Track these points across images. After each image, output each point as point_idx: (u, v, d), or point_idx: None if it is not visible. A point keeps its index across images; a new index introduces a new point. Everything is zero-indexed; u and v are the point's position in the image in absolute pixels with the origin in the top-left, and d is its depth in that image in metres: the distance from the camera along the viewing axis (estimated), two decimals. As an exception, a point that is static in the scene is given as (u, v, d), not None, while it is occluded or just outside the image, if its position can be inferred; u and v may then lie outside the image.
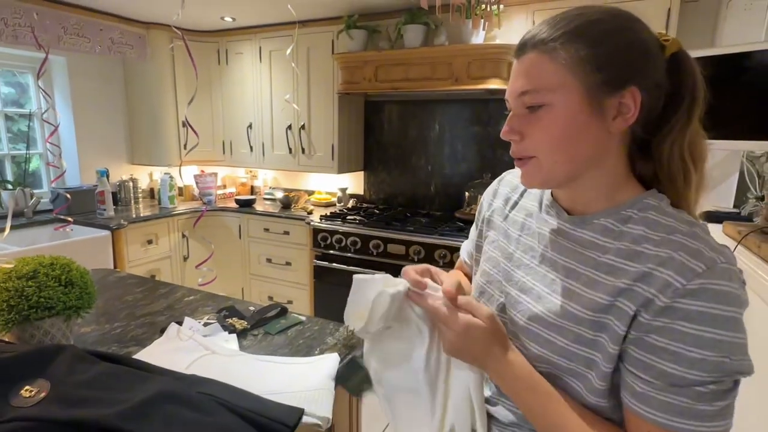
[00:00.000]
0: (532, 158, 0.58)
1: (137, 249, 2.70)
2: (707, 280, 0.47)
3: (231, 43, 3.13)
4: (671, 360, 0.48)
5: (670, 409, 0.48)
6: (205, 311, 1.20)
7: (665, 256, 0.50)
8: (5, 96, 2.70)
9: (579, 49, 0.52)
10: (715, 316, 0.47)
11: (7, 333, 0.87)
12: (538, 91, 0.54)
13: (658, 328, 0.49)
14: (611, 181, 0.58)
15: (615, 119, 0.54)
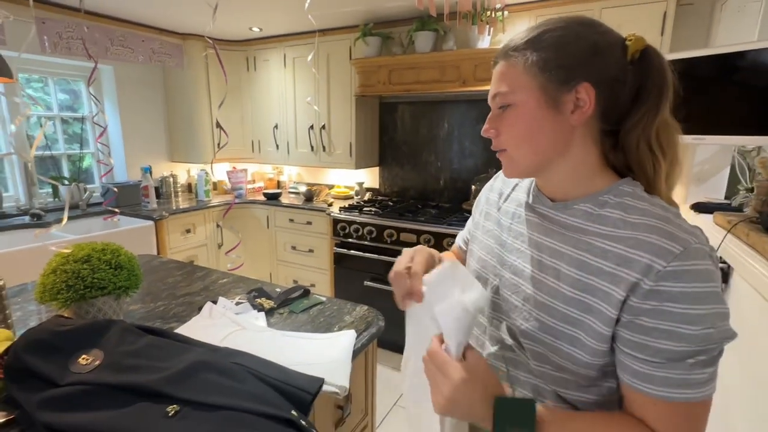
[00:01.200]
0: (504, 151, 0.61)
1: (177, 237, 2.76)
2: (685, 261, 0.48)
3: (258, 51, 3.14)
4: (664, 337, 0.48)
5: (670, 382, 0.48)
6: (237, 292, 1.23)
7: (642, 239, 0.51)
8: (61, 102, 2.77)
9: (532, 55, 0.55)
10: (697, 293, 0.47)
11: (66, 309, 0.90)
12: (505, 94, 0.57)
13: (648, 310, 0.49)
14: (584, 170, 0.58)
15: (573, 113, 0.55)
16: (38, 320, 1.05)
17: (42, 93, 2.69)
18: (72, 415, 0.60)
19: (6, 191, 2.50)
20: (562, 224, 0.60)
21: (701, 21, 2.04)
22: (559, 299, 0.56)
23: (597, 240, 0.55)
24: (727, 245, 1.31)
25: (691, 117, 1.65)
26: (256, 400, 0.63)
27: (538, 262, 0.60)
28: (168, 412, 0.59)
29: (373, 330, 1.02)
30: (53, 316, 0.88)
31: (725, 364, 0.51)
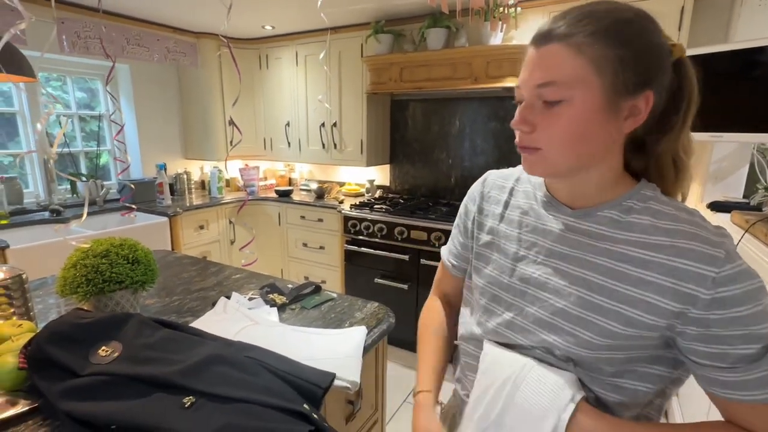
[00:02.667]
0: (538, 150, 0.54)
1: (191, 233, 2.80)
2: (733, 265, 0.48)
3: (271, 49, 3.17)
4: (741, 342, 0.48)
5: (762, 383, 0.48)
6: (250, 288, 1.25)
7: (682, 246, 0.50)
8: (79, 100, 2.83)
9: (608, 48, 0.48)
10: (753, 291, 0.47)
11: (85, 303, 0.93)
12: (558, 85, 0.49)
13: (717, 320, 0.48)
14: (610, 176, 0.56)
15: (626, 120, 0.51)
16: (58, 313, 1.08)
17: (61, 91, 2.75)
18: (92, 404, 0.62)
19: (26, 187, 2.57)
20: (586, 233, 0.56)
21: (720, 15, 1.99)
22: (595, 311, 0.54)
23: (630, 249, 0.52)
24: (745, 245, 1.29)
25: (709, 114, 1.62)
26: (269, 393, 0.65)
27: (565, 274, 0.57)
28: (184, 404, 0.60)
29: (384, 326, 1.02)
30: (73, 309, 0.90)
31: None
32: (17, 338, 0.79)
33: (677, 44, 0.52)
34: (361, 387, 1.01)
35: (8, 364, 0.71)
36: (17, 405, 0.69)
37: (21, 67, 0.93)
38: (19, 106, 2.48)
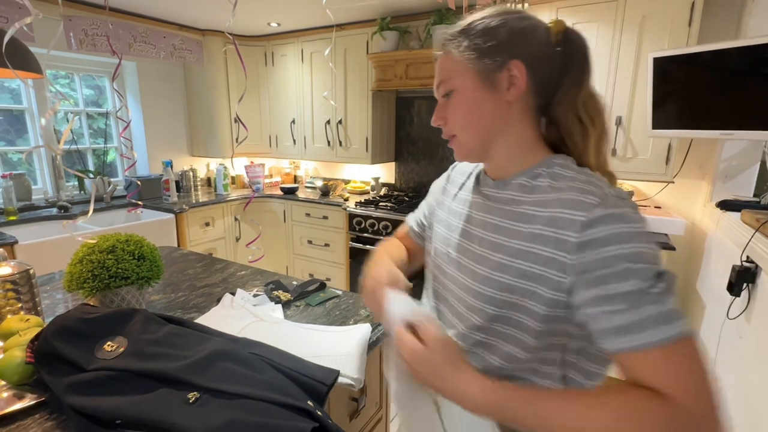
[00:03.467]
0: (454, 137, 0.63)
1: (197, 230, 2.82)
2: (604, 209, 0.49)
3: (276, 46, 3.17)
4: (620, 279, 0.47)
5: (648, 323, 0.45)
6: (255, 284, 1.25)
7: (564, 198, 0.53)
8: (86, 97, 2.85)
9: (464, 42, 0.59)
10: (621, 234, 0.48)
11: (91, 298, 0.93)
12: (445, 81, 0.61)
13: (590, 262, 0.49)
14: (521, 147, 0.61)
15: (509, 89, 0.58)
16: (65, 308, 1.09)
17: (68, 89, 2.77)
18: (98, 399, 0.63)
19: (35, 184, 2.59)
20: (501, 200, 0.62)
21: (731, 11, 1.96)
22: (499, 269, 0.57)
23: (529, 208, 0.57)
24: (755, 244, 1.27)
25: (719, 111, 1.60)
26: (274, 389, 0.65)
27: (481, 239, 0.62)
28: (189, 399, 0.61)
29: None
30: (80, 305, 0.91)
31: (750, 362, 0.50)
32: (25, 333, 0.79)
33: (555, 21, 0.60)
34: (366, 384, 1.01)
35: (16, 359, 0.72)
36: (24, 399, 0.69)
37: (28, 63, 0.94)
38: (27, 103, 2.50)
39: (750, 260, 1.31)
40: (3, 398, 0.70)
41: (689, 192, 2.23)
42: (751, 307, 1.28)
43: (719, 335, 1.52)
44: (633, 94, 2.00)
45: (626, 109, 2.02)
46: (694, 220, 2.22)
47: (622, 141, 2.06)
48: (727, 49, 1.49)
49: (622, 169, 2.08)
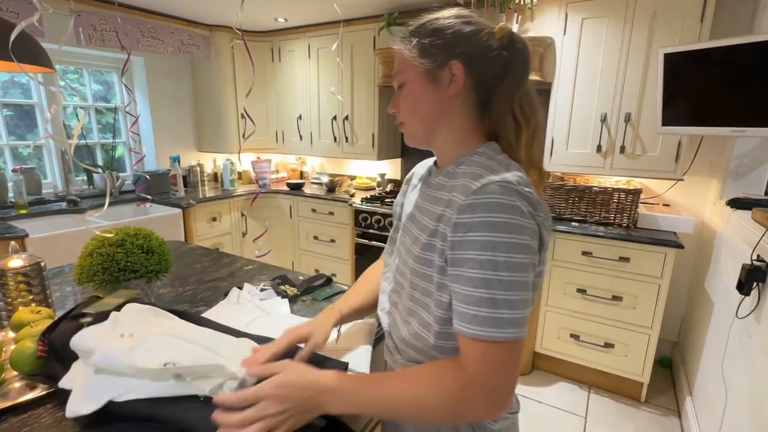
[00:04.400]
0: (403, 124, 0.70)
1: (203, 225, 2.83)
2: (478, 196, 0.54)
3: (283, 41, 3.16)
4: (470, 266, 0.54)
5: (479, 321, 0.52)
6: (261, 279, 1.26)
7: (461, 183, 0.59)
8: (95, 92, 2.87)
9: (414, 41, 0.65)
10: (489, 223, 0.53)
11: (101, 290, 0.94)
12: (398, 74, 0.68)
13: (457, 242, 0.56)
14: (459, 137, 0.67)
15: (449, 85, 0.64)
16: (75, 301, 1.10)
17: (78, 84, 2.79)
18: (108, 390, 0.63)
19: (45, 178, 2.62)
20: (433, 185, 0.70)
21: (745, 6, 1.93)
22: (423, 248, 0.64)
23: (444, 193, 0.64)
24: (767, 243, 1.25)
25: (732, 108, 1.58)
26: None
27: (418, 222, 0.69)
28: (200, 397, 0.61)
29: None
30: (89, 297, 0.92)
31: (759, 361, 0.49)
32: (36, 324, 0.80)
33: (498, 26, 0.65)
34: (372, 379, 1.01)
35: (27, 349, 0.73)
36: (36, 389, 0.70)
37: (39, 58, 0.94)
38: (37, 98, 2.52)
39: (761, 259, 1.30)
40: (15, 388, 0.71)
41: (699, 190, 2.21)
42: (761, 306, 1.27)
43: (728, 334, 1.50)
44: (643, 91, 1.98)
45: (636, 106, 2.00)
46: (703, 219, 2.20)
47: (631, 138, 2.04)
48: (740, 44, 1.47)
49: (631, 166, 2.06)
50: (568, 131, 2.18)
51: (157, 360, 0.62)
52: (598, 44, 2.04)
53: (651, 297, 1.93)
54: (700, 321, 1.97)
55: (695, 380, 1.89)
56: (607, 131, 2.08)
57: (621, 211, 2.06)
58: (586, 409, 2.04)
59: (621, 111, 2.03)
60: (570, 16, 2.07)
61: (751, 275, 1.30)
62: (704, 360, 1.80)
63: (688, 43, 1.78)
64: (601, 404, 2.07)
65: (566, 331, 2.16)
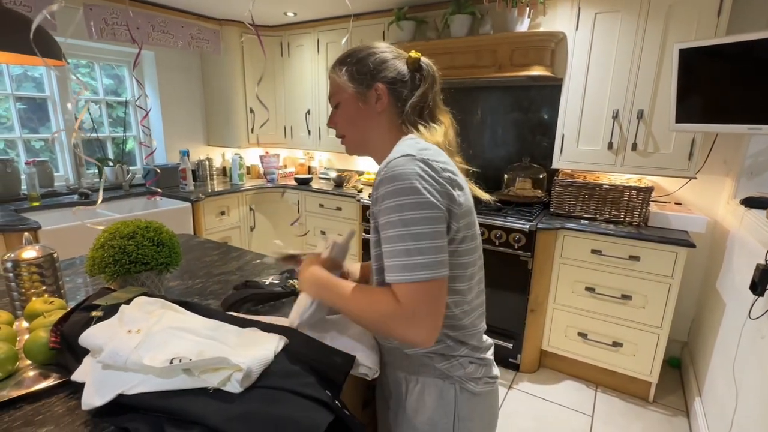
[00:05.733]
0: (344, 136, 0.87)
1: (212, 219, 2.85)
2: (384, 171, 0.68)
3: (292, 36, 3.16)
4: (386, 228, 0.67)
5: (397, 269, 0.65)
6: (270, 272, 1.26)
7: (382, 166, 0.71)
8: (106, 86, 2.89)
9: (344, 68, 0.82)
10: (393, 191, 0.66)
11: (113, 282, 0.95)
12: (333, 95, 0.85)
13: (376, 212, 0.70)
14: (387, 142, 0.81)
15: (377, 102, 0.81)
16: (86, 293, 1.12)
17: (89, 78, 2.81)
18: (119, 381, 0.64)
19: (57, 171, 2.65)
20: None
21: (763, 4, 1.88)
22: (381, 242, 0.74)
23: None
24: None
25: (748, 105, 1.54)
26: (292, 377, 0.65)
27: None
28: (209, 389, 0.61)
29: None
30: (101, 289, 0.93)
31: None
32: (49, 314, 0.81)
33: (409, 55, 0.83)
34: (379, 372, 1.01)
35: (41, 339, 0.74)
36: (49, 378, 0.71)
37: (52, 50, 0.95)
38: (49, 91, 2.55)
39: (775, 259, 1.27)
40: (29, 377, 0.72)
41: (712, 188, 2.17)
42: (775, 308, 1.25)
43: (739, 335, 1.48)
44: (656, 87, 1.94)
45: (649, 102, 1.97)
46: (716, 218, 2.16)
47: (644, 135, 2.01)
48: (757, 40, 1.43)
49: (642, 163, 2.03)
50: (579, 128, 2.15)
51: (164, 356, 0.63)
52: (611, 39, 2.01)
53: (661, 296, 1.90)
54: (710, 321, 1.95)
55: (705, 381, 1.86)
56: (618, 128, 2.05)
57: (632, 209, 2.03)
58: (593, 407, 2.03)
59: (633, 107, 2.00)
60: (583, 10, 2.04)
61: (765, 275, 1.28)
62: (714, 360, 1.77)
63: (704, 38, 1.75)
64: (609, 403, 2.06)
65: (574, 329, 2.14)
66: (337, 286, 0.75)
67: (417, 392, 0.79)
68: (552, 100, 2.40)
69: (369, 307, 0.69)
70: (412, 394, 0.79)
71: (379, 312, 0.67)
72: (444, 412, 0.77)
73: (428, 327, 0.66)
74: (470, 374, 0.78)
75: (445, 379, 0.77)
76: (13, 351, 0.72)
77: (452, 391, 0.77)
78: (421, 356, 0.77)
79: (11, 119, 2.45)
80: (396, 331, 0.66)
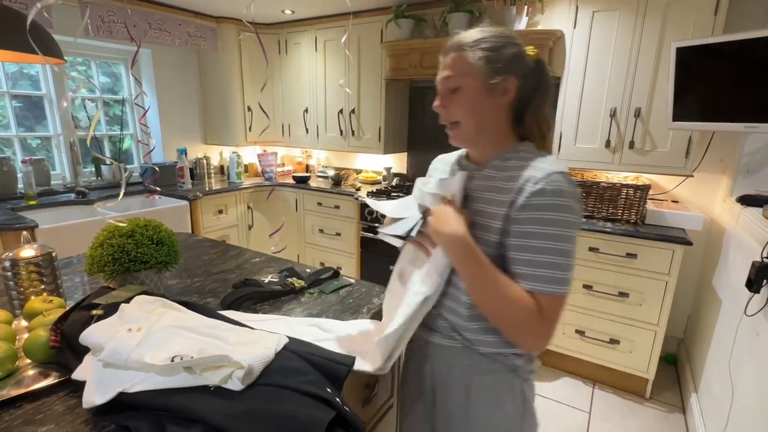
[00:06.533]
0: (457, 123, 0.80)
1: (210, 217, 2.85)
2: (548, 182, 0.70)
3: (290, 34, 3.15)
4: (537, 237, 0.70)
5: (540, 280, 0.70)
6: (269, 271, 1.26)
7: (522, 173, 0.74)
8: (103, 84, 2.88)
9: (478, 52, 0.75)
10: (556, 204, 0.69)
11: (112, 281, 0.95)
12: (455, 77, 0.77)
13: (524, 219, 0.71)
14: (500, 138, 0.81)
15: (502, 96, 0.77)
16: (84, 292, 1.11)
17: (86, 76, 2.80)
18: (120, 379, 0.64)
19: (53, 169, 2.64)
20: (481, 177, 0.82)
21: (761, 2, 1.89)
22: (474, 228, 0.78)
23: (500, 182, 0.77)
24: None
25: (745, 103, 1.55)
26: (293, 374, 0.65)
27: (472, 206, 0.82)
28: (210, 386, 0.61)
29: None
30: (100, 288, 0.93)
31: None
32: (48, 313, 0.81)
33: (533, 51, 0.79)
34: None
35: (41, 338, 0.74)
36: (49, 377, 0.71)
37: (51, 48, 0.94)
38: (46, 89, 2.53)
39: (771, 257, 1.28)
40: (29, 376, 0.72)
41: (708, 186, 2.18)
42: (770, 305, 1.26)
43: (735, 331, 1.49)
44: (653, 85, 1.95)
45: (646, 101, 1.97)
46: (712, 215, 2.17)
47: (641, 133, 2.01)
48: (754, 38, 1.44)
49: (640, 161, 2.04)
50: (577, 126, 2.16)
51: (164, 354, 0.63)
52: (608, 38, 2.01)
53: (658, 293, 1.92)
54: (707, 318, 1.96)
55: (701, 377, 1.88)
56: (616, 126, 2.06)
57: (629, 207, 2.04)
58: (591, 404, 2.04)
59: (631, 106, 2.01)
60: (581, 9, 2.04)
61: (761, 273, 1.29)
62: (710, 357, 1.79)
63: (701, 36, 1.75)
64: (606, 400, 2.07)
65: (571, 326, 2.15)
66: (487, 263, 0.73)
67: (485, 387, 0.82)
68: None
69: (510, 303, 0.70)
70: (478, 390, 0.82)
71: (518, 311, 0.70)
72: (514, 402, 0.83)
73: (550, 337, 0.72)
74: (530, 366, 0.84)
75: (513, 372, 0.82)
76: (13, 350, 0.72)
77: (518, 381, 0.82)
78: (497, 355, 0.80)
79: (7, 117, 2.43)
80: (525, 334, 0.71)
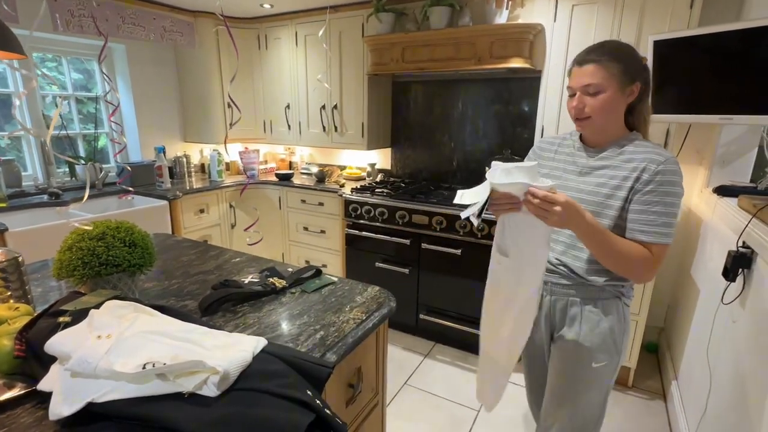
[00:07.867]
0: (588, 118, 1.03)
1: (191, 217, 2.79)
2: (667, 164, 0.97)
3: (270, 29, 3.09)
4: (656, 203, 0.97)
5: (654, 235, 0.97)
6: (249, 271, 1.24)
7: (643, 155, 1.00)
8: (75, 81, 2.78)
9: (617, 63, 0.99)
10: (673, 181, 0.97)
11: (82, 286, 0.91)
12: (596, 84, 1.00)
13: (648, 191, 0.98)
14: (618, 128, 1.07)
15: (629, 97, 1.03)
16: (59, 295, 1.07)
17: (56, 72, 2.70)
18: (89, 388, 0.61)
19: (24, 170, 2.54)
20: (600, 158, 1.08)
21: (734, -7, 1.92)
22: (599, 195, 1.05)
23: (620, 164, 1.03)
24: (752, 230, 1.27)
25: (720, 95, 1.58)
26: (272, 378, 0.64)
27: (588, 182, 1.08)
28: (183, 394, 0.59)
29: (385, 310, 1.01)
30: (70, 292, 0.89)
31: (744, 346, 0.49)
32: (14, 321, 0.78)
33: (644, 57, 1.04)
34: (362, 371, 1.00)
35: (5, 347, 0.70)
36: (14, 388, 0.68)
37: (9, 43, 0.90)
38: (14, 87, 2.43)
39: (746, 246, 1.31)
40: (-7, 388, 0.68)
41: (686, 177, 2.20)
42: (746, 293, 1.29)
43: (713, 320, 1.53)
44: (632, 79, 1.97)
45: (625, 94, 1.99)
46: (690, 206, 2.22)
47: (620, 126, 2.04)
48: (727, 31, 1.47)
49: (620, 154, 2.06)
50: (558, 119, 2.17)
51: (136, 362, 0.61)
52: (588, 31, 2.03)
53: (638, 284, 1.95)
54: (686, 307, 2.00)
55: (681, 365, 1.92)
56: (596, 119, 2.08)
57: (610, 199, 2.07)
58: (575, 394, 2.07)
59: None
60: (560, 2, 2.05)
61: (736, 262, 1.32)
62: (690, 345, 1.83)
63: (678, 29, 1.78)
64: (590, 389, 2.10)
65: (555, 318, 2.18)
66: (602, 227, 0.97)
67: (598, 310, 1.09)
68: (531, 92, 2.41)
69: (628, 258, 0.97)
70: (593, 312, 1.09)
71: (636, 262, 0.97)
72: (618, 319, 1.09)
73: (657, 271, 1.01)
74: (631, 293, 1.14)
75: (618, 298, 1.09)
76: (-25, 361, 0.69)
77: (621, 304, 1.10)
78: (611, 288, 1.08)
79: (-27, 117, 2.33)
80: (640, 275, 1.00)
